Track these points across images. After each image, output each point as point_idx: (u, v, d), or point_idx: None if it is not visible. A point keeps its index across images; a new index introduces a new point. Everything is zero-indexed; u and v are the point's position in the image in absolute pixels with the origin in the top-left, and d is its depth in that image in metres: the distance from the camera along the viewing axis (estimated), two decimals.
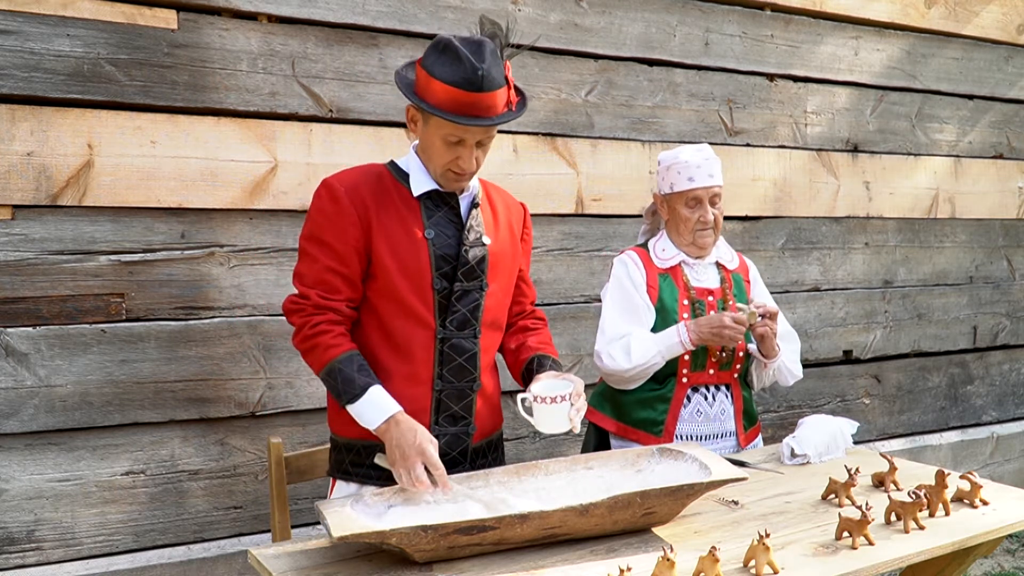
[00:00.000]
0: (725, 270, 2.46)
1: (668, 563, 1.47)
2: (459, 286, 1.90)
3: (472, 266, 1.91)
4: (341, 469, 1.97)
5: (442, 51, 1.76)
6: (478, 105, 1.75)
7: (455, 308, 1.90)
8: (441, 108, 1.76)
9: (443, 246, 1.89)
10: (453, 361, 1.92)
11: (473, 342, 1.94)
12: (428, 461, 1.73)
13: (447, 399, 1.93)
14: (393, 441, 1.76)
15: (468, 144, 1.81)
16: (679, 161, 2.36)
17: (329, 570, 1.62)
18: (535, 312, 2.19)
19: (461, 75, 1.73)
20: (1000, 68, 4.29)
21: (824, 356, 3.87)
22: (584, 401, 1.87)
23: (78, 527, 2.49)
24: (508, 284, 2.04)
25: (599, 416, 2.47)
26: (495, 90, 1.76)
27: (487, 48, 1.76)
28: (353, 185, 1.87)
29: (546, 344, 2.10)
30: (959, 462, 4.20)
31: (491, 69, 1.75)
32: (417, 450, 1.73)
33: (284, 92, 2.69)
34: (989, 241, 4.38)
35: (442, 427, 1.93)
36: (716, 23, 3.47)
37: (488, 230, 1.96)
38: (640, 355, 2.29)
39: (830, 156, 3.82)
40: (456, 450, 1.95)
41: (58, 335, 2.44)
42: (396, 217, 1.87)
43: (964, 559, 1.95)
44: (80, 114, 2.43)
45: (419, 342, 1.90)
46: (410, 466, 1.73)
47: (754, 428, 2.50)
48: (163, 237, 2.56)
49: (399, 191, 1.90)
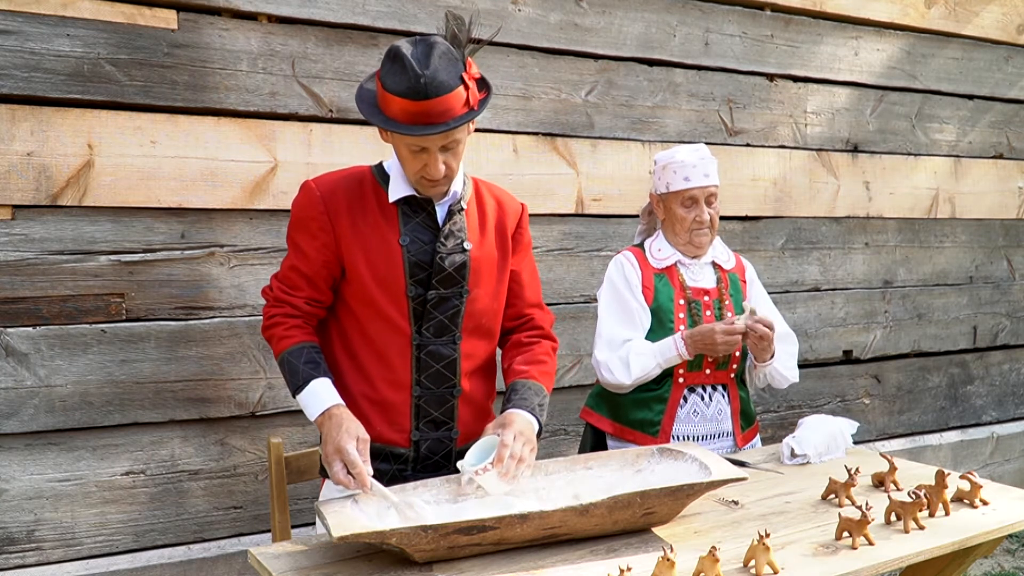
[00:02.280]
0: (721, 270, 2.46)
1: (668, 563, 1.47)
2: (434, 293, 1.88)
3: (449, 273, 1.89)
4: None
5: (392, 60, 1.73)
6: (429, 113, 1.71)
7: (431, 315, 1.89)
8: (395, 120, 1.73)
9: (418, 253, 1.87)
10: (431, 367, 1.91)
11: (452, 348, 1.92)
12: (346, 459, 1.71)
13: (426, 404, 1.92)
14: (325, 435, 1.77)
15: (432, 151, 1.78)
16: (675, 161, 2.36)
17: (329, 570, 1.62)
18: (533, 320, 2.10)
19: (406, 84, 1.70)
20: (1000, 68, 4.29)
21: (824, 356, 3.87)
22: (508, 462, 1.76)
23: (78, 527, 2.49)
24: (497, 289, 2.00)
25: (596, 417, 2.47)
26: (444, 95, 1.71)
27: (437, 51, 1.71)
28: (331, 190, 1.87)
29: (532, 364, 2.01)
30: (959, 462, 4.20)
31: (437, 73, 1.70)
32: (335, 447, 1.72)
33: (284, 92, 2.69)
34: (989, 241, 4.38)
35: (423, 431, 1.93)
36: (716, 23, 3.47)
37: (472, 235, 1.94)
38: (639, 368, 2.31)
39: (830, 156, 3.82)
40: (439, 454, 1.95)
41: (58, 335, 2.44)
42: (372, 223, 1.87)
43: (964, 559, 1.95)
44: (80, 114, 2.43)
45: (396, 347, 1.90)
46: (329, 462, 1.73)
47: (752, 428, 2.50)
48: (163, 237, 2.56)
49: (378, 196, 1.89)
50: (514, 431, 1.81)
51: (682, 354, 2.29)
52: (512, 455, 1.77)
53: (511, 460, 1.77)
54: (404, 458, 1.93)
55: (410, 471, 1.93)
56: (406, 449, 1.93)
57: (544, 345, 2.08)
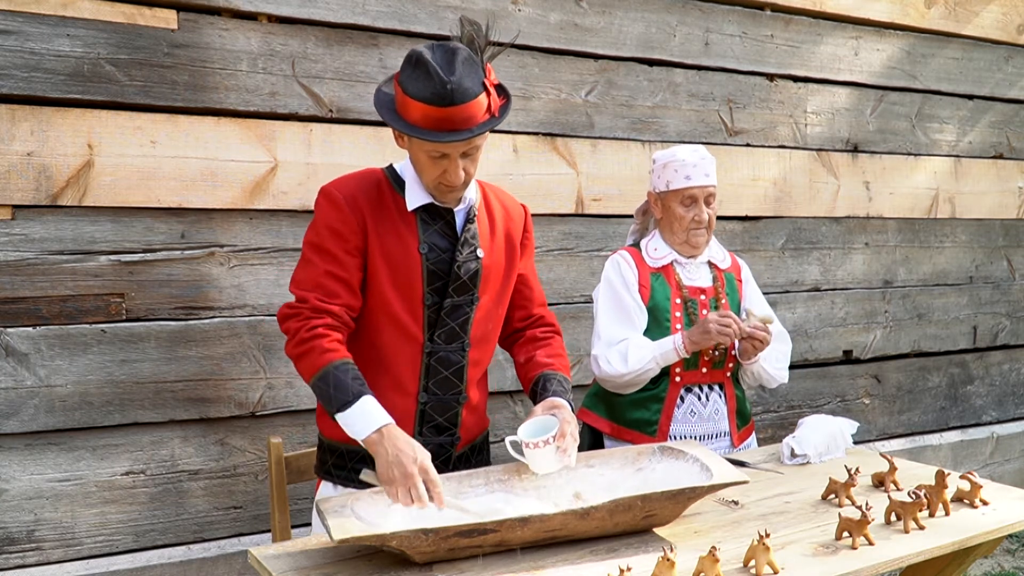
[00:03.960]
0: (717, 269, 2.46)
1: (668, 563, 1.47)
2: (449, 301, 1.88)
3: (464, 281, 1.89)
4: (325, 469, 1.97)
5: (414, 66, 1.72)
6: (453, 119, 1.71)
7: (444, 323, 1.89)
8: (417, 125, 1.73)
9: (437, 261, 1.87)
10: (439, 374, 1.91)
11: (461, 355, 1.93)
12: (429, 479, 1.68)
13: (431, 411, 1.92)
14: (388, 455, 1.68)
15: (453, 158, 1.77)
16: (676, 159, 2.36)
17: (329, 570, 1.62)
18: (544, 319, 2.12)
19: (431, 91, 1.69)
20: (1000, 68, 4.29)
21: (824, 356, 3.87)
22: (570, 439, 1.81)
23: (78, 527, 2.49)
24: (500, 295, 2.01)
25: (593, 417, 2.47)
26: (469, 101, 1.71)
27: (459, 57, 1.72)
28: (351, 194, 1.84)
29: (555, 358, 2.04)
30: (959, 462, 4.20)
31: (463, 80, 1.70)
32: (420, 467, 1.67)
33: (284, 92, 2.69)
34: (989, 241, 4.38)
35: (426, 437, 1.92)
36: (716, 23, 3.47)
37: (483, 242, 1.94)
38: (636, 361, 2.30)
39: (830, 156, 3.82)
40: (439, 459, 1.94)
41: (58, 335, 2.44)
42: (392, 229, 1.85)
43: (964, 559, 1.95)
44: (80, 114, 2.43)
45: (406, 354, 1.88)
46: (412, 484, 1.66)
47: (747, 427, 2.50)
48: (163, 237, 2.56)
49: (396, 202, 1.88)
50: (567, 414, 1.86)
51: (679, 349, 2.28)
52: (572, 434, 1.82)
53: (571, 438, 1.81)
54: None
55: None
56: None
57: (559, 341, 2.12)
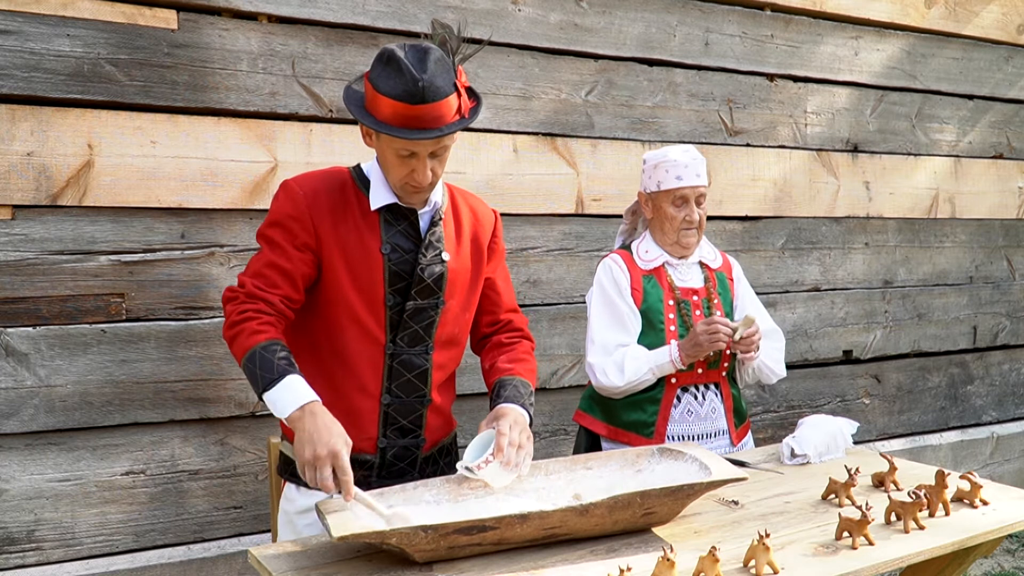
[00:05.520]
0: (708, 269, 2.47)
1: (668, 563, 1.47)
2: (412, 304, 1.87)
3: (428, 284, 1.88)
4: (288, 471, 1.95)
5: (386, 63, 1.72)
6: (423, 117, 1.71)
7: (407, 325, 1.88)
8: (387, 123, 1.72)
9: (399, 262, 1.86)
10: (402, 376, 1.90)
11: (425, 359, 1.92)
12: (338, 466, 1.63)
13: (395, 413, 1.91)
14: (305, 434, 1.65)
15: (421, 156, 1.77)
16: (668, 160, 2.36)
17: (329, 570, 1.62)
18: (511, 323, 2.10)
19: (403, 88, 1.69)
20: (1000, 68, 4.29)
21: (824, 356, 3.87)
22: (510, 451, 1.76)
23: (78, 527, 2.49)
24: (468, 300, 2.00)
25: (589, 419, 2.47)
26: (440, 100, 1.71)
27: (432, 57, 1.72)
28: (313, 191, 1.84)
29: (516, 362, 2.01)
30: (959, 462, 4.20)
31: (435, 79, 1.70)
32: (330, 452, 1.62)
33: (284, 92, 2.69)
34: (989, 241, 4.38)
35: (390, 439, 1.92)
36: (716, 23, 3.47)
37: (448, 245, 1.93)
38: (633, 372, 2.31)
39: (830, 156, 3.82)
40: (405, 461, 1.94)
41: (58, 335, 2.44)
42: (354, 229, 1.84)
43: (964, 559, 1.95)
44: (80, 114, 2.43)
45: (368, 355, 1.87)
46: (320, 466, 1.62)
47: (744, 425, 2.51)
48: (163, 237, 2.56)
49: (360, 201, 1.87)
50: (509, 421, 1.81)
51: (675, 362, 2.30)
52: (511, 443, 1.76)
53: (511, 448, 1.76)
54: (370, 464, 1.91)
55: (375, 477, 1.91)
56: (372, 456, 1.91)
57: (525, 345, 2.08)
